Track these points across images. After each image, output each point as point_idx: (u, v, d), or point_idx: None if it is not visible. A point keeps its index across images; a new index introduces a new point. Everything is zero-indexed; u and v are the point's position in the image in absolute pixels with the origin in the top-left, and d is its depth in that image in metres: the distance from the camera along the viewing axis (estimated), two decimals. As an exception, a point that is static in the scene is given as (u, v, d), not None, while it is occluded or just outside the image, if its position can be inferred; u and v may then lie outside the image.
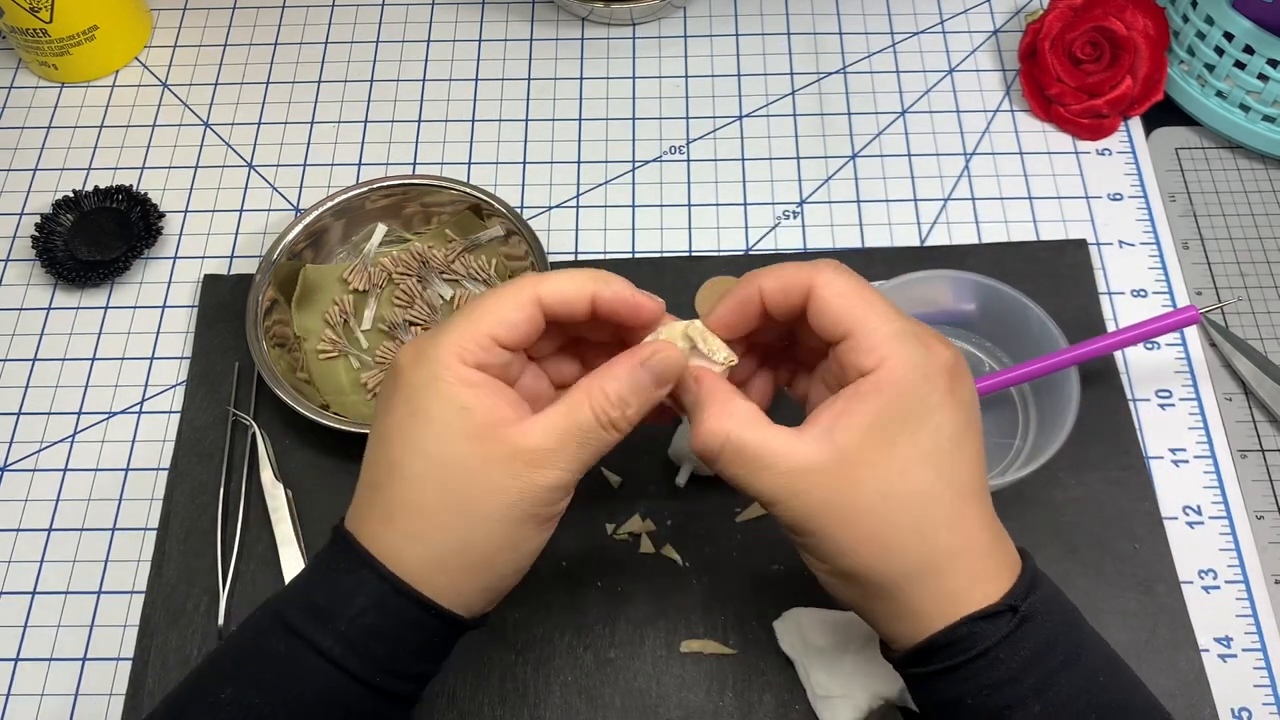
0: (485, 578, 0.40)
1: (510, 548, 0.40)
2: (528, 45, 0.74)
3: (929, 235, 0.65)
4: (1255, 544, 0.55)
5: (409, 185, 0.63)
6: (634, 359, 0.40)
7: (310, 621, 0.39)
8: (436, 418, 0.39)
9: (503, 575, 0.40)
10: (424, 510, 0.39)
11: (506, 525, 0.39)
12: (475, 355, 0.39)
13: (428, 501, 0.39)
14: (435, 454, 0.39)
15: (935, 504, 0.38)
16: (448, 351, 0.39)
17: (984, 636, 0.37)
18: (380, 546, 0.39)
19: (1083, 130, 0.68)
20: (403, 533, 0.39)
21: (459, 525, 0.39)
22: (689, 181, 0.67)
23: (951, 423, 0.38)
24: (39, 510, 0.58)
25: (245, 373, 0.60)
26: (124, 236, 0.65)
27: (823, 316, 0.39)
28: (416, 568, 0.39)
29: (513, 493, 0.38)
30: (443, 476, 0.39)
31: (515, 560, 0.40)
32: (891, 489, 0.37)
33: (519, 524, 0.39)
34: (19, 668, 0.54)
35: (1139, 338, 0.55)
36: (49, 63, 0.72)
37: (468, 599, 0.40)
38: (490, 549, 0.39)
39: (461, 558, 0.39)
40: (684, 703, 0.51)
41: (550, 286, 0.40)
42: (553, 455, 0.39)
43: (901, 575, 0.38)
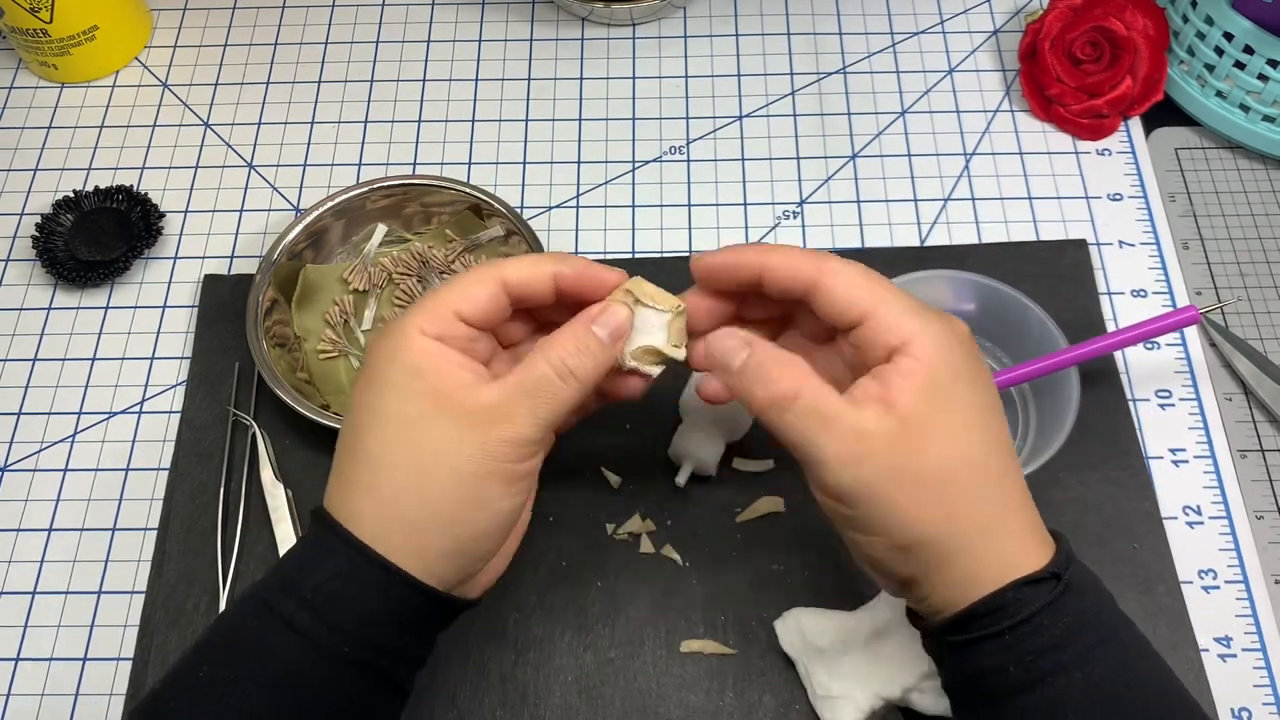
0: (447, 538, 0.39)
1: (472, 504, 0.39)
2: (528, 45, 0.74)
3: (929, 235, 0.65)
4: (1255, 544, 0.55)
5: (409, 185, 0.63)
6: (585, 317, 0.42)
7: (278, 593, 0.39)
8: (392, 381, 0.40)
9: (468, 538, 0.40)
10: (380, 465, 0.39)
11: (465, 479, 0.39)
12: (436, 327, 0.41)
13: (384, 456, 0.39)
14: (391, 412, 0.40)
15: (987, 465, 0.39)
16: (409, 325, 0.41)
17: (1030, 602, 0.38)
18: (343, 512, 0.40)
19: (1083, 130, 0.68)
20: (361, 488, 0.40)
21: (416, 479, 0.39)
22: (689, 181, 0.67)
23: (987, 387, 0.40)
24: (39, 510, 0.58)
25: (245, 373, 0.60)
26: (124, 236, 0.65)
27: (834, 304, 0.40)
28: (374, 525, 0.39)
29: (469, 444, 0.39)
30: (399, 433, 0.39)
31: (481, 521, 0.40)
32: (953, 452, 0.38)
33: (479, 479, 0.39)
34: (19, 668, 0.54)
35: (1139, 338, 0.55)
36: (49, 63, 0.72)
37: (430, 562, 0.39)
38: (449, 504, 0.39)
39: (420, 511, 0.39)
40: (684, 703, 0.51)
41: (513, 267, 0.42)
42: (508, 407, 0.40)
43: (964, 538, 0.38)
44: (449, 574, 0.40)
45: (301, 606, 0.38)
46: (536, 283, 0.42)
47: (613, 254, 0.65)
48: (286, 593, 0.39)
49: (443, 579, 0.40)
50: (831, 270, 0.41)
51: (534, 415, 0.40)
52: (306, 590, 0.39)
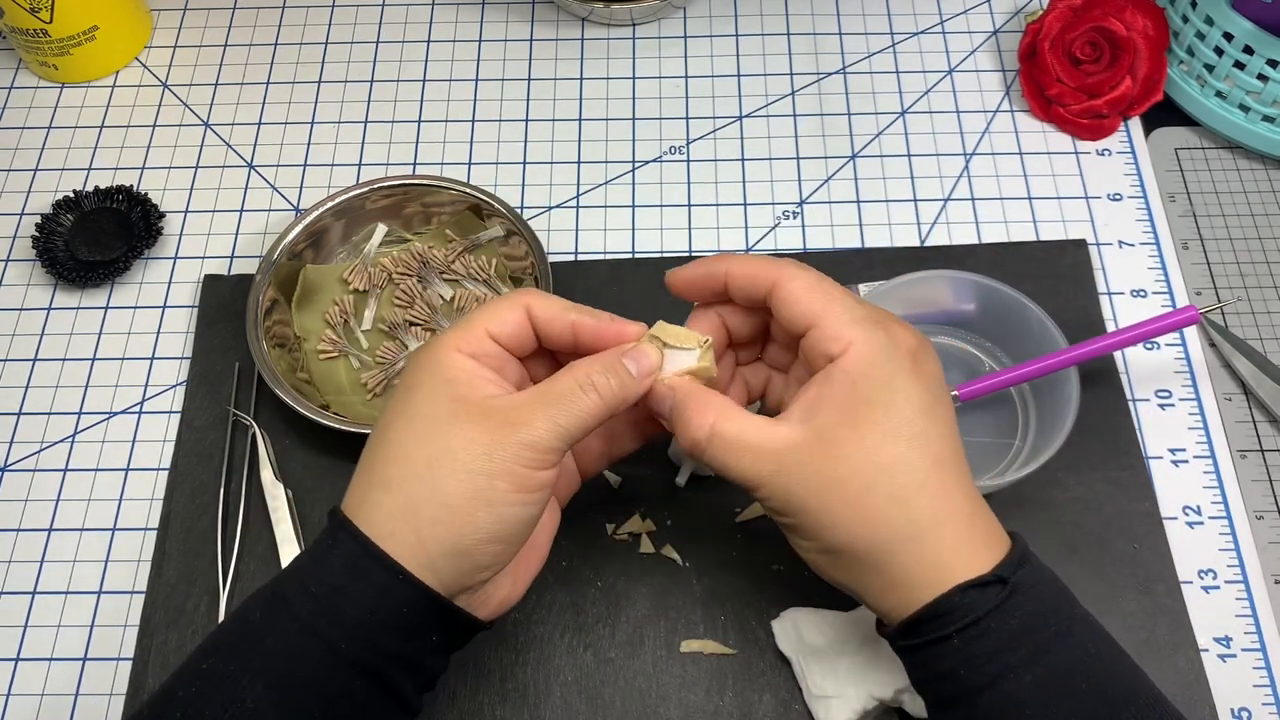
0: (452, 534, 0.39)
1: (480, 503, 0.39)
2: (528, 45, 0.74)
3: (929, 235, 0.65)
4: (1255, 544, 0.55)
5: (409, 185, 0.63)
6: (616, 350, 0.44)
7: (287, 587, 0.40)
8: (426, 388, 0.42)
9: (474, 539, 0.40)
10: (397, 458, 0.40)
11: (475, 477, 0.39)
12: (470, 345, 0.42)
13: (402, 451, 0.40)
14: (416, 412, 0.41)
15: (909, 472, 0.40)
16: (446, 342, 0.42)
17: (974, 606, 0.38)
18: (357, 510, 0.40)
19: (1082, 130, 0.68)
20: (377, 483, 0.41)
21: (428, 472, 0.40)
22: (689, 181, 0.67)
23: (919, 397, 0.40)
24: (39, 510, 0.58)
25: (245, 373, 0.60)
26: (124, 237, 0.65)
27: (788, 308, 0.42)
28: (384, 520, 0.40)
29: (485, 445, 0.40)
30: (420, 431, 0.41)
31: (488, 524, 0.40)
32: (867, 461, 0.39)
33: (490, 478, 0.39)
34: (19, 668, 0.54)
35: (1139, 338, 0.55)
36: (49, 63, 0.72)
37: (433, 559, 0.39)
38: (458, 500, 0.39)
39: (430, 506, 0.39)
40: (684, 703, 0.51)
41: (539, 300, 0.44)
42: (527, 412, 0.40)
43: (885, 544, 0.39)
44: (451, 576, 0.40)
45: (306, 599, 0.39)
46: (556, 322, 0.44)
47: (612, 254, 0.65)
48: (294, 587, 0.39)
49: (445, 581, 0.40)
50: (787, 276, 0.42)
51: (551, 422, 0.40)
52: (312, 584, 0.39)
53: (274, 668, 0.38)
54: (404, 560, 0.39)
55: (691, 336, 0.44)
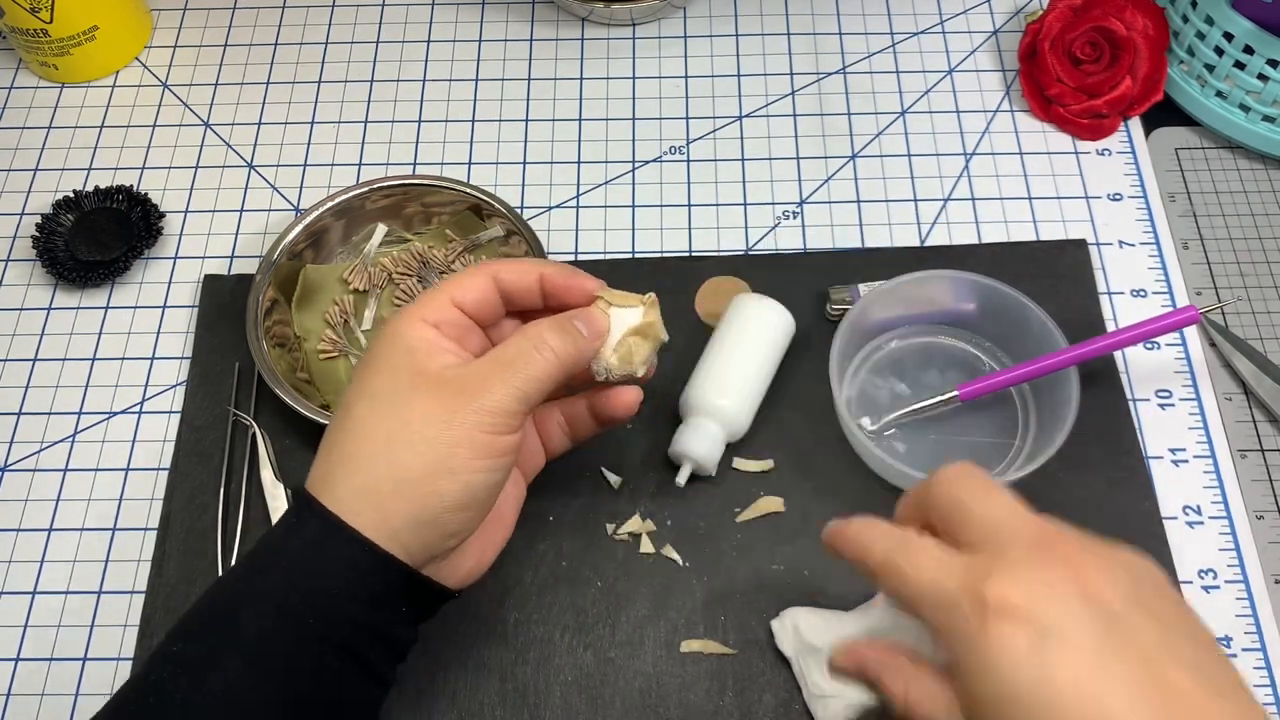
0: (414, 504, 0.40)
1: (442, 472, 0.40)
2: (528, 45, 0.74)
3: (929, 235, 0.65)
4: (1255, 544, 0.55)
5: (409, 185, 0.63)
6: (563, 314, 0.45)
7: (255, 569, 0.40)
8: (386, 362, 0.42)
9: (437, 508, 0.40)
10: (359, 435, 0.41)
11: (435, 446, 0.40)
12: (433, 314, 0.43)
13: (363, 427, 0.41)
14: (377, 388, 0.42)
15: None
16: (410, 312, 0.43)
17: None
18: (321, 487, 0.41)
19: (1083, 130, 0.68)
20: (339, 461, 0.41)
21: (387, 446, 0.40)
22: (689, 181, 0.67)
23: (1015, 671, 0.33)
24: (39, 510, 0.58)
25: (245, 373, 0.60)
26: (124, 236, 0.65)
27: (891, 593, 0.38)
28: (349, 497, 0.40)
29: (441, 411, 0.40)
30: (379, 408, 0.41)
31: (451, 492, 0.40)
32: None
33: (449, 446, 0.40)
34: (19, 668, 0.54)
35: (1139, 338, 0.55)
36: (49, 63, 0.72)
37: (397, 531, 0.40)
38: (418, 469, 0.40)
39: (389, 477, 0.40)
40: (684, 703, 0.51)
41: (505, 265, 0.45)
42: (482, 378, 0.41)
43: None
44: (416, 546, 0.40)
45: (276, 579, 0.39)
46: (524, 281, 0.45)
47: (613, 254, 0.65)
48: (261, 567, 0.40)
49: (410, 551, 0.40)
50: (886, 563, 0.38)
51: (507, 385, 0.41)
52: (281, 561, 0.40)
53: (245, 646, 0.39)
54: (369, 534, 0.39)
55: (635, 296, 0.47)
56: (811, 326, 0.60)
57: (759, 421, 0.57)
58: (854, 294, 0.60)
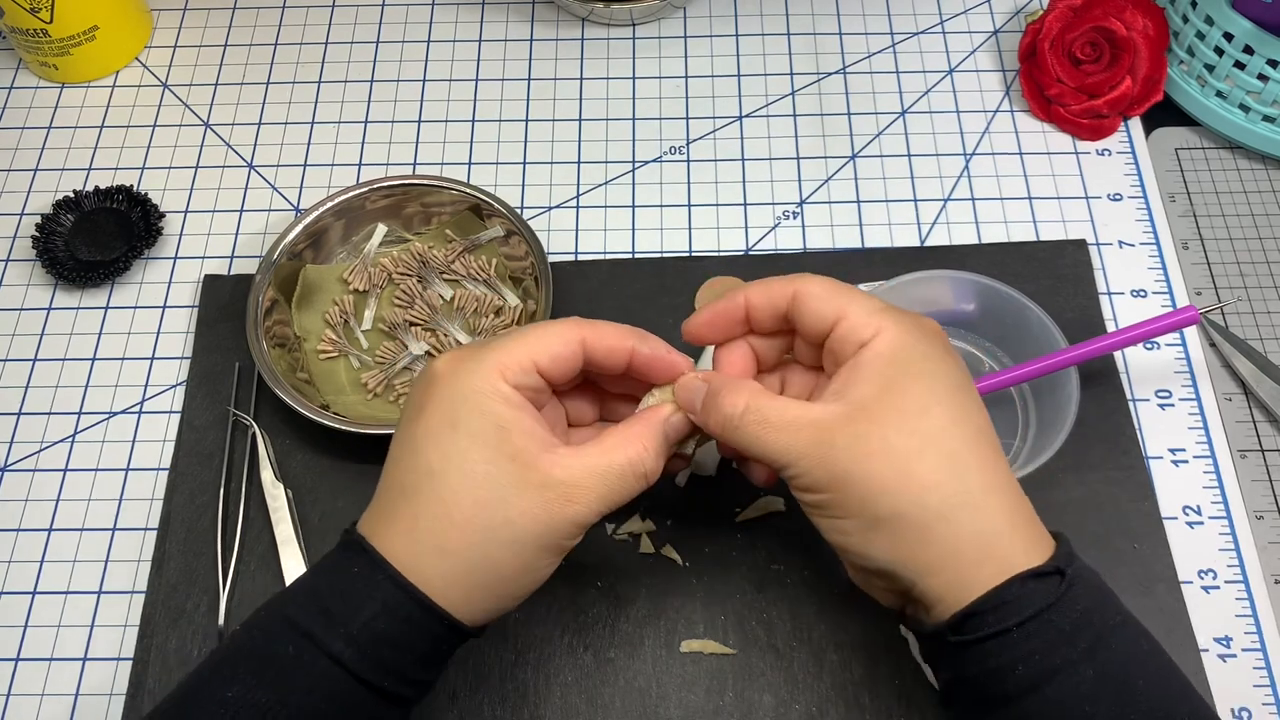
0: (499, 598, 0.41)
1: (527, 572, 0.41)
2: (528, 45, 0.74)
3: (929, 235, 0.65)
4: (1255, 544, 0.55)
5: (409, 185, 0.63)
6: (657, 418, 0.43)
7: (320, 624, 0.39)
8: (477, 432, 0.40)
9: (514, 596, 0.42)
10: (456, 524, 0.39)
11: (529, 550, 0.40)
12: (516, 376, 0.41)
13: (461, 516, 0.39)
14: (473, 469, 0.39)
15: (959, 439, 0.39)
16: (490, 367, 0.41)
17: (1035, 597, 0.37)
18: (398, 553, 0.40)
19: (1083, 130, 0.68)
20: (430, 544, 0.40)
21: (487, 544, 0.39)
22: (689, 181, 0.67)
23: (957, 371, 0.41)
24: (39, 510, 0.58)
25: (245, 373, 0.60)
26: (124, 237, 0.65)
27: (812, 311, 0.42)
28: (438, 580, 0.39)
29: (542, 521, 0.40)
30: (479, 494, 0.39)
31: (527, 585, 0.42)
32: (916, 426, 0.39)
33: (540, 551, 0.40)
34: (19, 668, 0.54)
35: (1139, 338, 0.55)
36: (49, 63, 0.72)
37: (475, 614, 0.41)
38: (511, 571, 0.40)
39: (484, 575, 0.40)
40: (684, 703, 0.51)
41: (597, 333, 0.43)
42: (583, 492, 0.40)
43: (937, 509, 0.38)
44: (484, 619, 0.42)
45: (348, 643, 0.39)
46: (615, 355, 0.43)
47: (612, 254, 0.65)
48: (330, 624, 0.39)
49: (476, 621, 0.41)
50: (805, 281, 0.42)
51: (601, 502, 0.41)
52: (354, 627, 0.39)
53: (309, 703, 0.38)
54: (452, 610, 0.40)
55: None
56: (811, 326, 0.60)
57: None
58: (857, 294, 0.60)
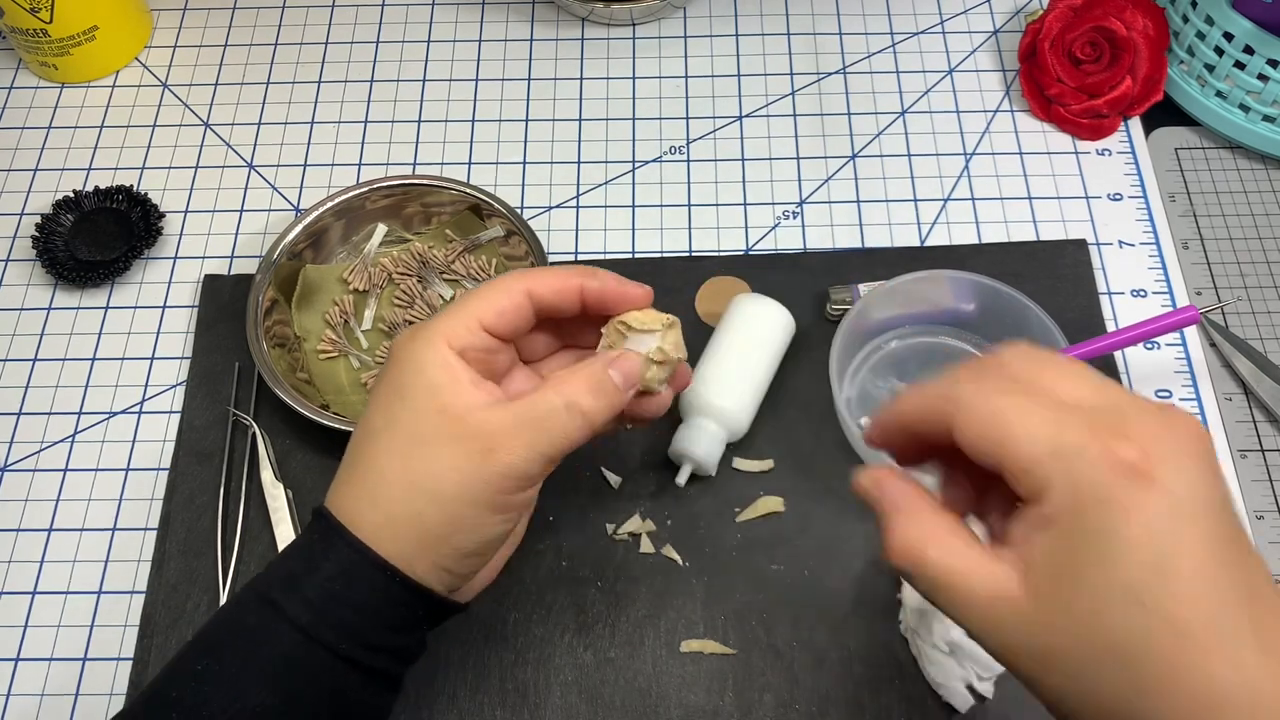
0: (437, 554, 0.40)
1: (466, 529, 0.40)
2: (528, 45, 0.74)
3: (929, 235, 0.65)
4: (1255, 544, 0.55)
5: (409, 185, 0.63)
6: (602, 359, 0.42)
7: (282, 590, 0.40)
8: (409, 393, 0.40)
9: (459, 556, 0.40)
10: (383, 477, 0.40)
11: (460, 505, 0.39)
12: (462, 338, 0.41)
13: (388, 469, 0.40)
14: (402, 425, 0.40)
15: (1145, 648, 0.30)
16: (436, 333, 0.41)
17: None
18: (345, 512, 0.40)
19: (1083, 130, 0.68)
20: (364, 496, 0.40)
21: (413, 497, 0.40)
22: (689, 181, 0.67)
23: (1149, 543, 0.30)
24: (39, 510, 0.58)
25: (245, 373, 0.60)
26: (124, 237, 0.65)
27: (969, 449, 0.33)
28: (373, 532, 0.40)
29: (466, 473, 0.39)
30: (406, 449, 0.40)
31: (472, 542, 0.40)
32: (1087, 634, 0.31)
33: (473, 506, 0.40)
34: (19, 668, 0.54)
35: (1139, 338, 0.55)
36: (49, 63, 0.72)
37: (421, 573, 0.40)
38: (442, 526, 0.40)
39: (413, 528, 0.40)
40: (684, 703, 0.51)
41: (540, 278, 0.42)
42: (508, 439, 0.39)
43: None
44: (437, 584, 0.41)
45: (303, 604, 0.39)
46: (563, 295, 0.43)
47: (612, 254, 0.65)
48: (288, 589, 0.40)
49: (428, 583, 0.41)
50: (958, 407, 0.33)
51: (532, 448, 0.40)
52: (309, 588, 0.39)
53: (273, 669, 0.39)
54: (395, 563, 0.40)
55: (657, 317, 0.44)
56: (811, 326, 0.60)
57: (759, 421, 0.57)
58: (854, 294, 0.60)
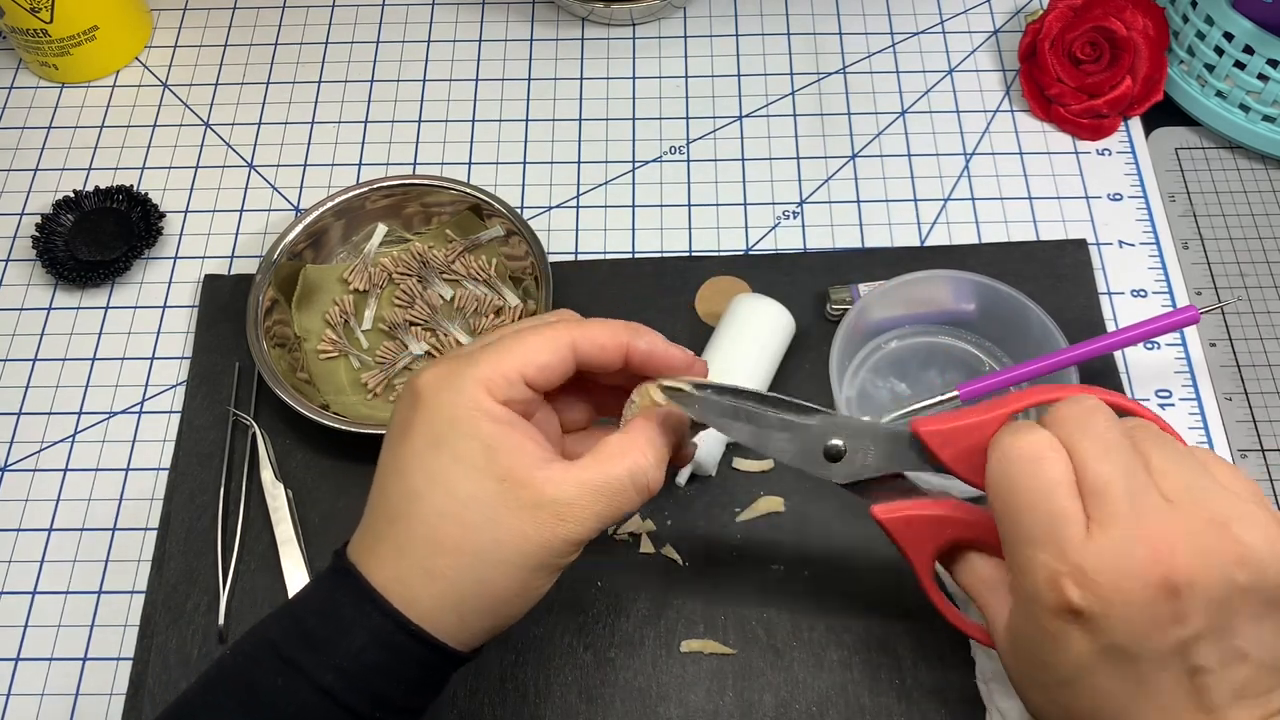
0: (494, 620, 0.39)
1: (522, 593, 0.39)
2: (528, 45, 0.74)
3: (929, 235, 0.65)
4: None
5: (409, 185, 0.63)
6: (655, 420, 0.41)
7: (306, 653, 0.38)
8: (463, 454, 0.38)
9: (509, 617, 0.40)
10: (444, 548, 0.38)
11: (524, 572, 0.38)
12: (503, 391, 0.39)
13: (449, 539, 0.38)
14: (459, 492, 0.38)
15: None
16: (475, 383, 0.38)
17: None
18: (388, 580, 0.38)
19: (1083, 130, 0.68)
20: (419, 569, 0.38)
21: (478, 567, 0.38)
22: (689, 181, 0.67)
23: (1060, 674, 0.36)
24: (39, 510, 0.58)
25: (245, 373, 0.60)
26: (124, 237, 0.65)
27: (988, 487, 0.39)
28: (430, 606, 0.38)
29: (534, 541, 0.38)
30: (466, 516, 0.38)
31: (523, 605, 0.40)
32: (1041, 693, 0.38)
33: (534, 571, 0.39)
34: (19, 668, 0.54)
35: (1139, 338, 0.55)
36: (49, 63, 0.72)
37: (470, 638, 0.39)
38: (505, 593, 0.39)
39: (478, 599, 0.38)
40: (684, 703, 0.51)
41: (587, 334, 0.40)
42: (578, 509, 0.38)
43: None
44: (478, 642, 0.40)
45: (337, 675, 0.37)
46: (608, 353, 0.41)
47: (612, 254, 0.65)
48: (317, 654, 0.38)
49: (471, 646, 0.40)
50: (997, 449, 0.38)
51: (598, 519, 0.39)
52: (342, 657, 0.38)
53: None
54: (445, 639, 0.39)
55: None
56: (811, 326, 0.60)
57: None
58: (854, 294, 0.60)
